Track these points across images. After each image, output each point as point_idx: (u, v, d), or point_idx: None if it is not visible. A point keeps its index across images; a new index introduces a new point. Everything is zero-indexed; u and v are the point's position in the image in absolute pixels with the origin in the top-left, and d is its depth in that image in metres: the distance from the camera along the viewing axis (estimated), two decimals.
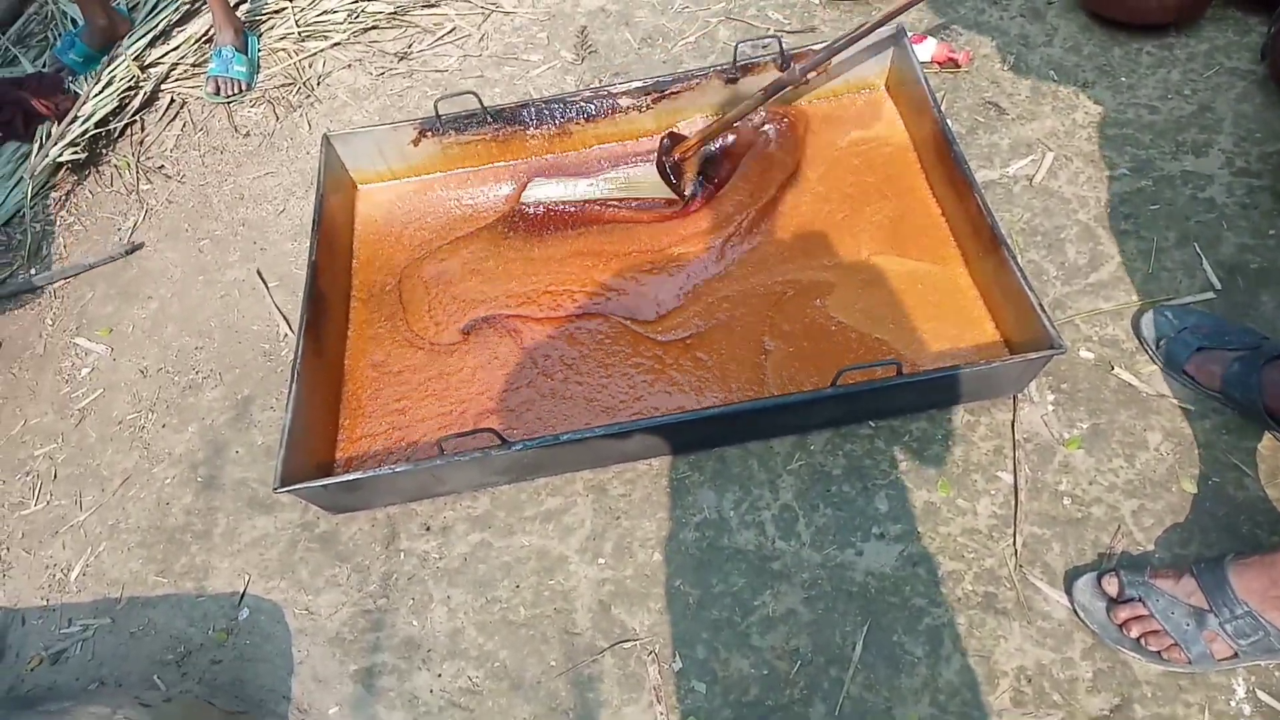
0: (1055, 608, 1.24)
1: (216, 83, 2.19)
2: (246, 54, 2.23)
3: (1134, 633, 1.16)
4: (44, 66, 2.36)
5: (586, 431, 1.32)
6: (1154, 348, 1.42)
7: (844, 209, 1.66)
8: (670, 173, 1.71)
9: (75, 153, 2.11)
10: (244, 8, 2.36)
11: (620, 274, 1.66)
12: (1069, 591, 1.24)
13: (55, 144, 2.09)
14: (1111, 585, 1.19)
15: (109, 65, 2.24)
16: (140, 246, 1.93)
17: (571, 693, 1.27)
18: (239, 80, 2.21)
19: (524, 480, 1.46)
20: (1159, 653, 1.15)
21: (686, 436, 1.41)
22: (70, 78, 2.24)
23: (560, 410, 1.50)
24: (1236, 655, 1.12)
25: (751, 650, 1.27)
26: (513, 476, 1.45)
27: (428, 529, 1.44)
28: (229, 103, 2.21)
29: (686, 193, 1.72)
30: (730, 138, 1.79)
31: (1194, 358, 1.36)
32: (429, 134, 1.80)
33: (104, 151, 2.17)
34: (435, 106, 1.73)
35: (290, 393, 1.41)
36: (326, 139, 1.76)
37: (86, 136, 2.13)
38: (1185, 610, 1.14)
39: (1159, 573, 1.18)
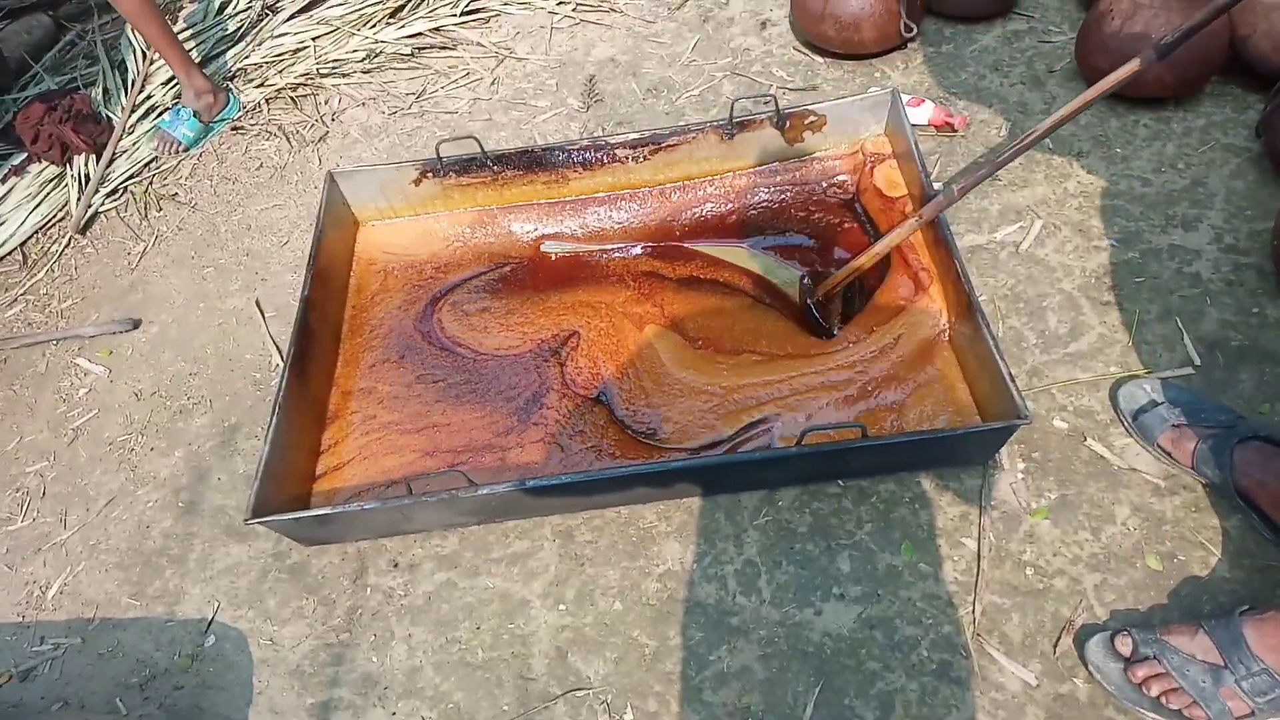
0: (1010, 679, 1.23)
1: (162, 137, 2.26)
2: (206, 123, 2.29)
3: (1154, 691, 1.15)
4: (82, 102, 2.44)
5: (552, 479, 1.33)
6: (1130, 420, 1.41)
7: None
8: (817, 312, 1.60)
9: (115, 199, 2.21)
10: (266, 45, 2.44)
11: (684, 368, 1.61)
12: (1081, 653, 1.23)
13: (96, 190, 2.19)
14: (1125, 645, 1.18)
15: (142, 89, 2.34)
16: (138, 324, 1.92)
17: None
18: (180, 143, 2.26)
19: (493, 522, 1.47)
20: (1180, 711, 1.14)
21: (654, 486, 1.42)
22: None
23: (536, 456, 1.51)
24: (1253, 713, 1.11)
25: (703, 705, 1.27)
26: (482, 518, 1.46)
27: (396, 565, 1.46)
28: (166, 156, 2.27)
29: (835, 332, 1.60)
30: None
31: (1169, 432, 1.36)
32: (430, 175, 1.84)
33: (127, 182, 2.24)
34: (437, 149, 1.77)
35: (270, 424, 1.44)
36: (330, 176, 1.81)
37: (123, 188, 2.24)
38: (1201, 668, 1.13)
39: (1170, 629, 1.18)
